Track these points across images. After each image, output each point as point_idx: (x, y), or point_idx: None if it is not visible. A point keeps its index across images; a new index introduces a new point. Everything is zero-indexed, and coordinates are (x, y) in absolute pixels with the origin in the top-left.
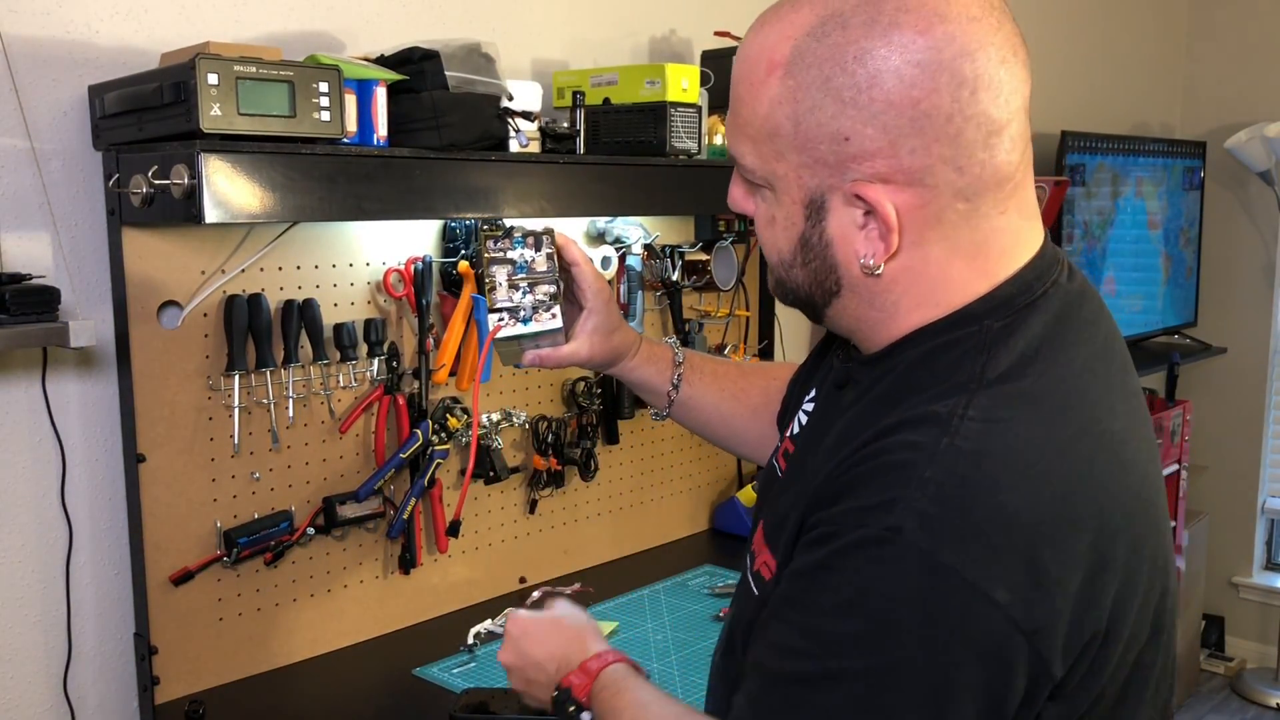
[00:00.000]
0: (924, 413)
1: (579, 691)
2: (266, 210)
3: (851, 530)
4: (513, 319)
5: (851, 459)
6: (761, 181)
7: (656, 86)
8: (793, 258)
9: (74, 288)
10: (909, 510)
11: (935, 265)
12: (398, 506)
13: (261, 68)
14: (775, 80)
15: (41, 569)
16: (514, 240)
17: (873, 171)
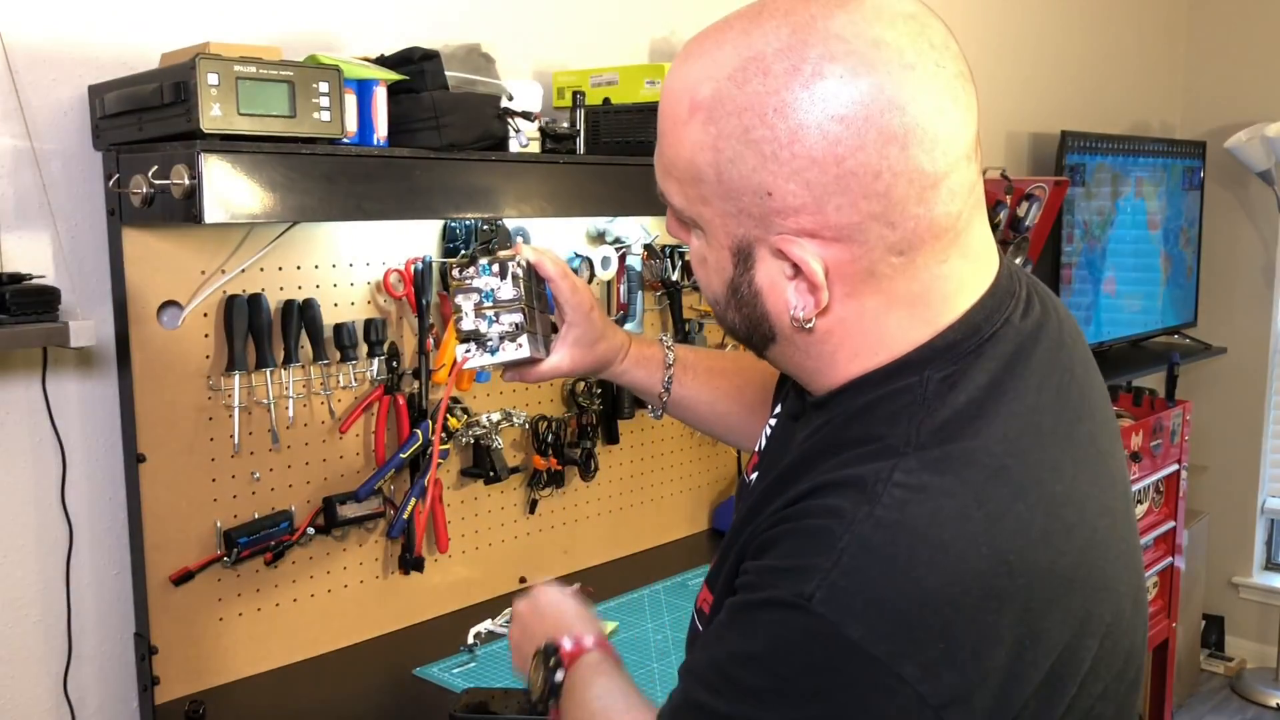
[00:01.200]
0: (849, 475)
1: (565, 656)
2: (266, 210)
3: (765, 588)
4: (480, 348)
5: (779, 514)
6: (690, 221)
7: (656, 86)
8: (725, 301)
9: (74, 288)
10: (819, 579)
11: (870, 317)
12: (398, 506)
13: (261, 68)
14: (697, 124)
15: (41, 569)
16: (480, 267)
17: (798, 227)
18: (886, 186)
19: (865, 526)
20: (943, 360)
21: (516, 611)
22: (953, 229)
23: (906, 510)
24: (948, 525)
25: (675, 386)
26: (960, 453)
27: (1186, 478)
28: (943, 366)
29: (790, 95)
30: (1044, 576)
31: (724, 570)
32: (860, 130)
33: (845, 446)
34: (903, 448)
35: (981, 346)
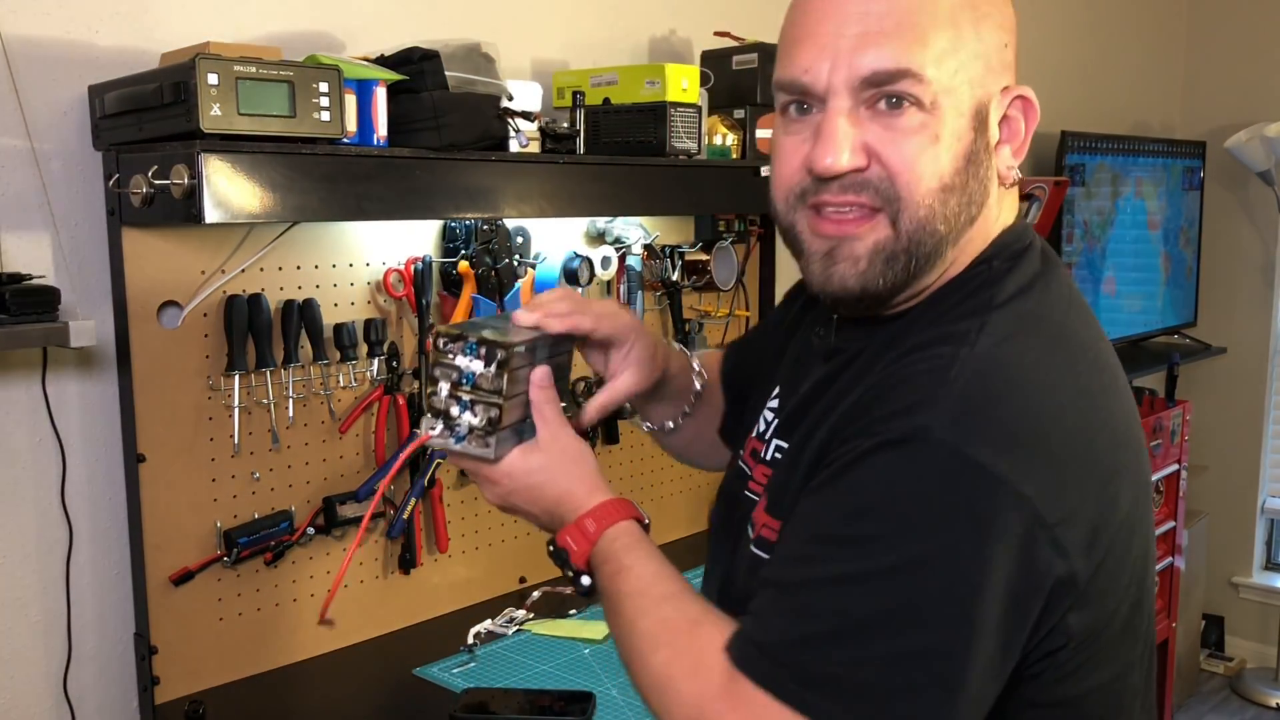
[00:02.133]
0: (941, 333)
1: (577, 558)
2: (266, 210)
3: (871, 438)
4: (446, 431)
5: (867, 391)
6: (925, 98)
7: (656, 86)
8: (953, 179)
9: (74, 288)
10: (936, 409)
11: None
12: (398, 506)
13: (261, 68)
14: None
15: (41, 569)
16: (466, 345)
17: (1012, 80)
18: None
19: (971, 363)
20: (1004, 255)
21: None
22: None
23: (1002, 349)
24: (1040, 363)
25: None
26: (1030, 312)
27: (1186, 478)
28: (1005, 260)
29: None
30: (1112, 422)
31: (790, 488)
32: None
33: (927, 325)
34: (987, 309)
35: (1028, 248)
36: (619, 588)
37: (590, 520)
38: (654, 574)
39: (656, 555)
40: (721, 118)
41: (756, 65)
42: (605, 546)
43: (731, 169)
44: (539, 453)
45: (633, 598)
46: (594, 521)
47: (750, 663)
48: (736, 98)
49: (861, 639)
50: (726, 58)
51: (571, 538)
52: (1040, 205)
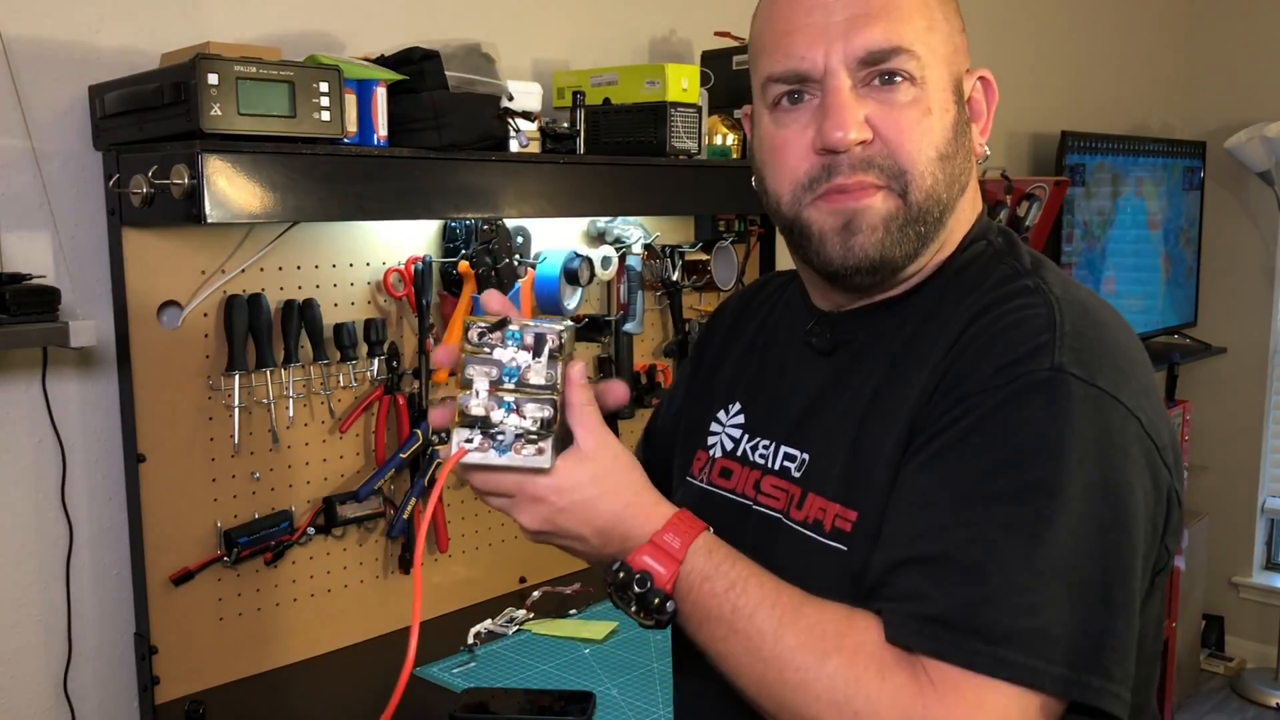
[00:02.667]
0: (1011, 289)
1: (663, 581)
2: (267, 210)
3: (1003, 386)
4: (486, 441)
5: (952, 352)
6: (917, 72)
7: (656, 86)
8: (948, 148)
9: (74, 288)
10: (1060, 350)
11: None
12: (398, 506)
13: (262, 68)
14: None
15: (42, 569)
16: (507, 334)
17: (968, 62)
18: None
19: (1061, 306)
20: (990, 233)
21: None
22: None
23: (1069, 294)
24: (1103, 307)
25: None
26: (1059, 272)
27: (1186, 478)
28: (994, 237)
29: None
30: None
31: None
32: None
33: (969, 291)
34: (1026, 270)
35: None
36: (737, 604)
37: (672, 535)
38: (773, 581)
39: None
40: (721, 118)
41: None
42: (699, 563)
43: (731, 169)
44: (589, 462)
45: (764, 611)
46: (676, 537)
47: (935, 640)
48: (736, 98)
49: (1043, 581)
50: (726, 58)
51: (653, 559)
52: (1040, 205)
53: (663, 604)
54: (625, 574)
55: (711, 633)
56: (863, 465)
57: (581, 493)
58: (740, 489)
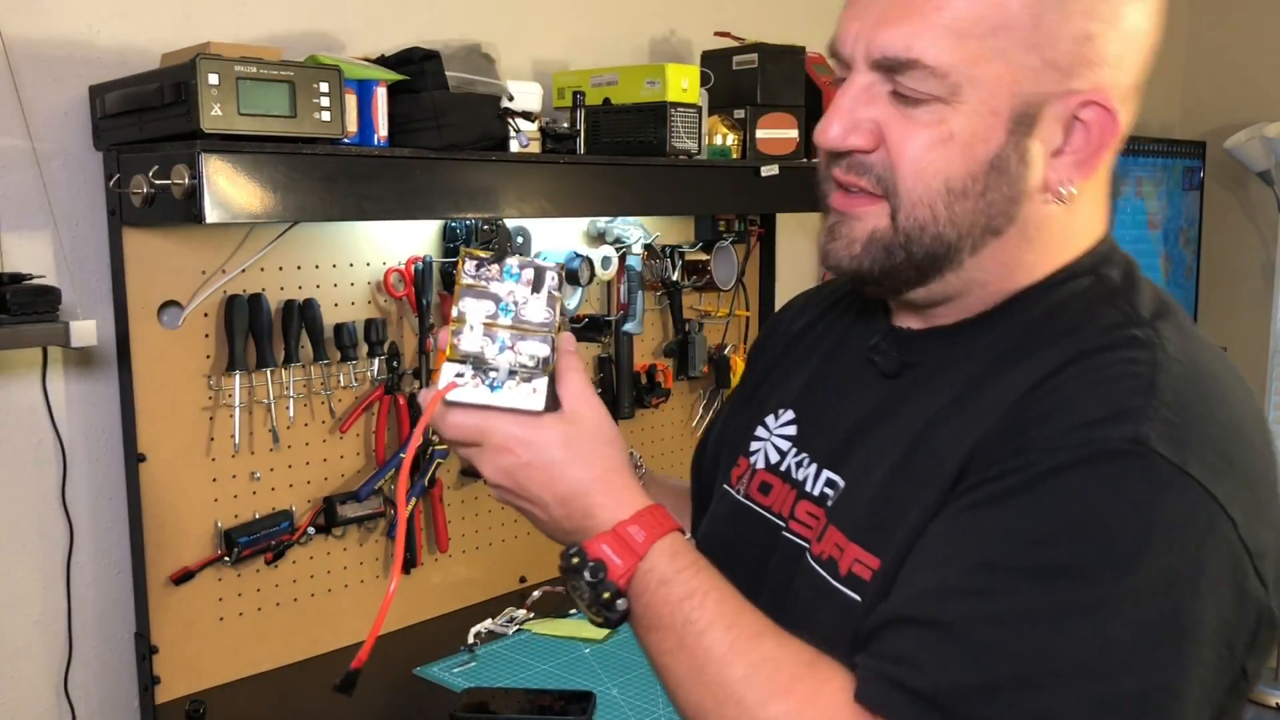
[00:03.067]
0: (1115, 338)
1: (618, 574)
2: (267, 210)
3: (1071, 449)
4: (477, 377)
5: (1028, 398)
6: (941, 91)
7: (656, 86)
8: (965, 185)
9: (74, 288)
10: (1150, 420)
11: (1087, 202)
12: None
13: (262, 68)
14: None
15: (42, 569)
16: (504, 269)
17: (1095, 82)
18: (1150, 52)
19: (1172, 368)
20: (1107, 264)
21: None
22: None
23: (1189, 353)
24: (1225, 376)
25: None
26: (1186, 325)
27: None
28: (1111, 268)
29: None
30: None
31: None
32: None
33: (1067, 332)
34: (1142, 318)
35: (1129, 265)
36: (690, 617)
37: (637, 528)
38: (736, 600)
39: (722, 577)
40: (721, 118)
41: (757, 65)
42: (660, 564)
43: (731, 169)
44: (565, 423)
45: (718, 631)
46: (642, 530)
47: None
48: (736, 98)
49: (1062, 684)
50: (726, 58)
51: (611, 548)
52: None
53: (613, 600)
54: (579, 559)
55: (658, 642)
56: (895, 506)
57: (550, 452)
58: (777, 508)
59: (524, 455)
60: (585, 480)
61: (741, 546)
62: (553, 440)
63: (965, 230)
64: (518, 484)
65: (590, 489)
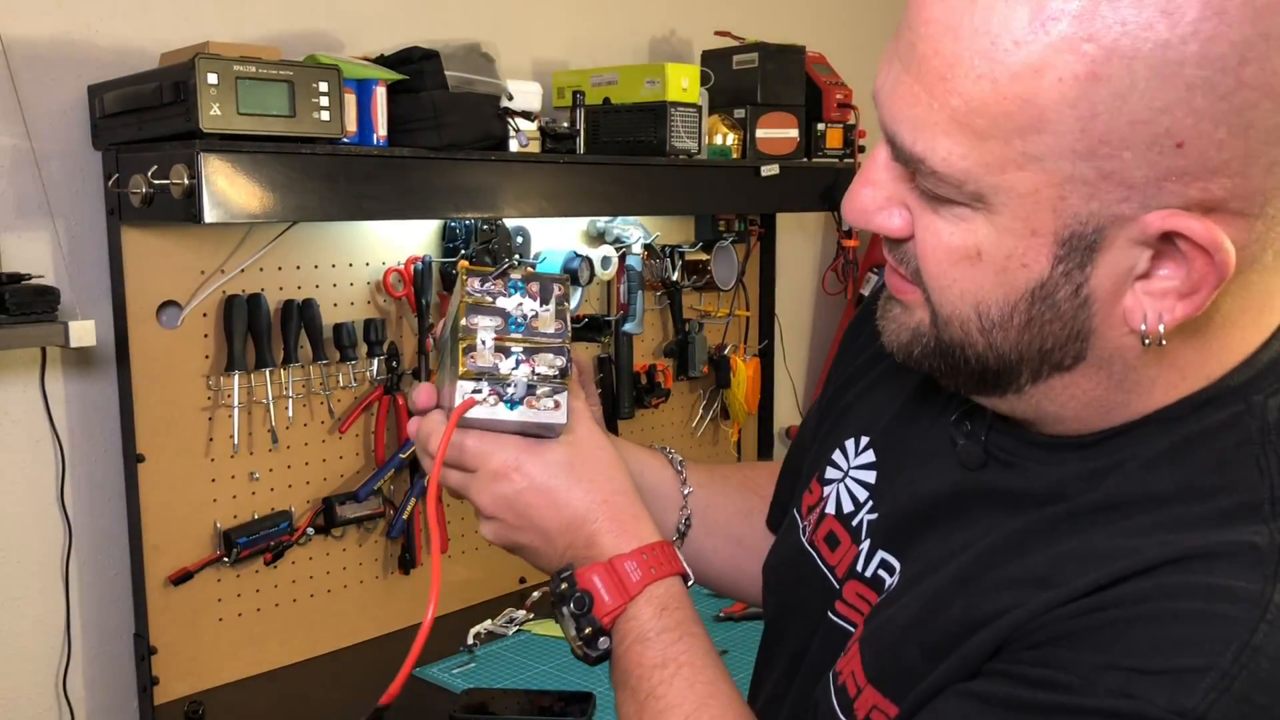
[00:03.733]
0: (1224, 541)
1: (603, 611)
2: (266, 210)
3: (1102, 695)
4: (494, 393)
5: (1092, 599)
6: (967, 197)
7: (656, 86)
8: (1006, 314)
9: (73, 288)
10: (1218, 691)
11: (1222, 325)
12: (398, 506)
13: (261, 67)
14: (1051, 39)
15: (40, 569)
16: (509, 283)
17: (1202, 197)
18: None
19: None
20: (1268, 381)
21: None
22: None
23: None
24: None
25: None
26: None
27: None
28: (1273, 390)
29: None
30: None
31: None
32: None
33: (1152, 504)
34: (1270, 505)
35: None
36: (655, 691)
37: (634, 565)
38: (709, 682)
39: (708, 649)
40: (722, 117)
41: (757, 65)
42: (645, 617)
43: (731, 169)
44: (567, 445)
45: (676, 716)
46: (639, 569)
47: None
48: (737, 98)
49: None
50: (727, 57)
51: (603, 581)
52: None
53: (595, 637)
54: (568, 585)
55: (622, 701)
56: (923, 650)
57: (552, 476)
58: (840, 569)
59: (523, 481)
60: (591, 505)
61: (799, 598)
62: (555, 462)
63: (1015, 358)
64: (518, 513)
65: (596, 514)
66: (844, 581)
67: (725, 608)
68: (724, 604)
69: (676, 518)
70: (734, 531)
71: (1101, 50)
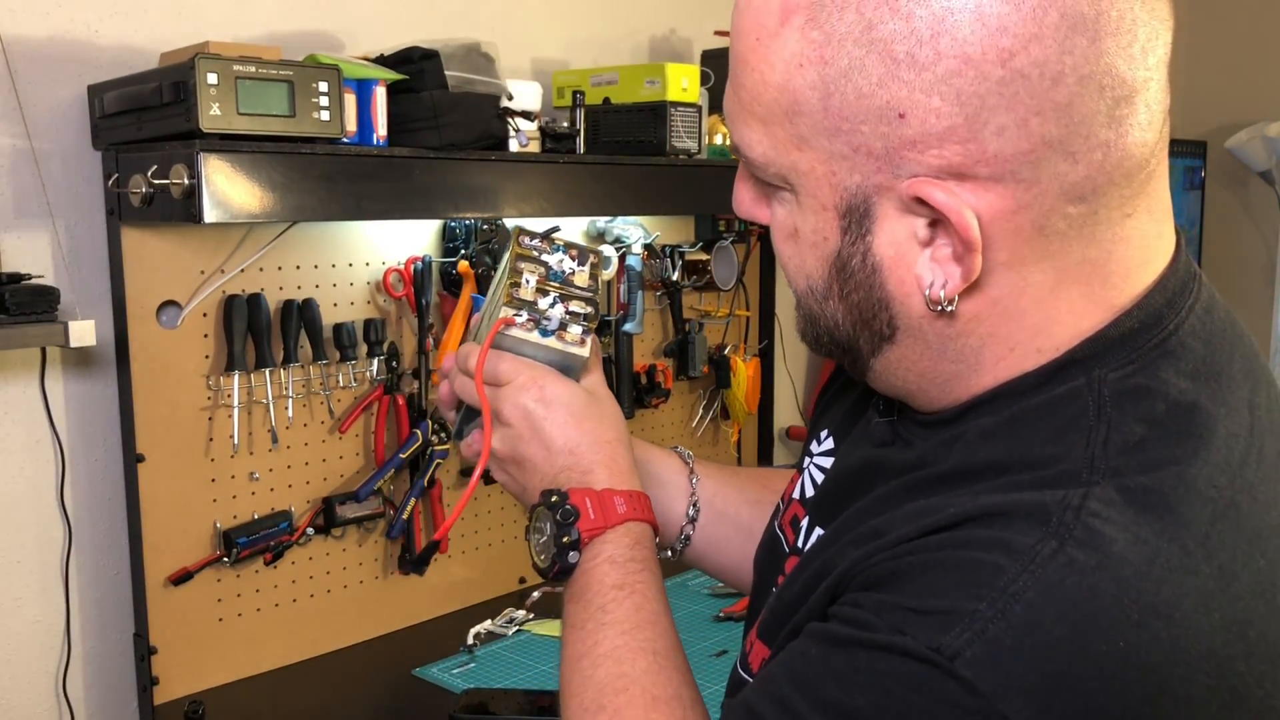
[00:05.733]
0: (1020, 501)
1: (586, 526)
2: (266, 210)
3: (886, 631)
4: (531, 320)
5: (905, 546)
6: (777, 180)
7: (656, 86)
8: (826, 286)
9: (73, 287)
10: (973, 632)
11: (1034, 295)
12: (398, 507)
13: (261, 67)
14: (793, 31)
15: (40, 569)
16: (553, 244)
17: (941, 162)
18: (1069, 96)
19: (1052, 567)
20: (1118, 356)
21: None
22: (1145, 168)
23: (1112, 552)
24: (1169, 579)
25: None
26: (1174, 481)
27: None
28: (1119, 365)
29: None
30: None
31: (789, 621)
32: (1035, 12)
33: (995, 470)
34: (1088, 474)
35: (1167, 340)
36: (605, 605)
37: (620, 499)
38: (651, 614)
39: (661, 590)
40: (721, 117)
41: None
42: (618, 543)
43: (732, 169)
44: (584, 390)
45: (614, 630)
46: (625, 504)
47: None
48: None
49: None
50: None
51: (592, 504)
52: None
53: (568, 548)
54: (558, 498)
55: (574, 612)
56: (793, 606)
57: (574, 400)
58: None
59: (547, 394)
60: (596, 441)
61: (764, 579)
62: (578, 394)
63: (850, 330)
64: (532, 425)
65: (599, 452)
66: (787, 556)
67: (725, 608)
68: (724, 604)
69: (685, 504)
70: (743, 521)
71: (823, 34)
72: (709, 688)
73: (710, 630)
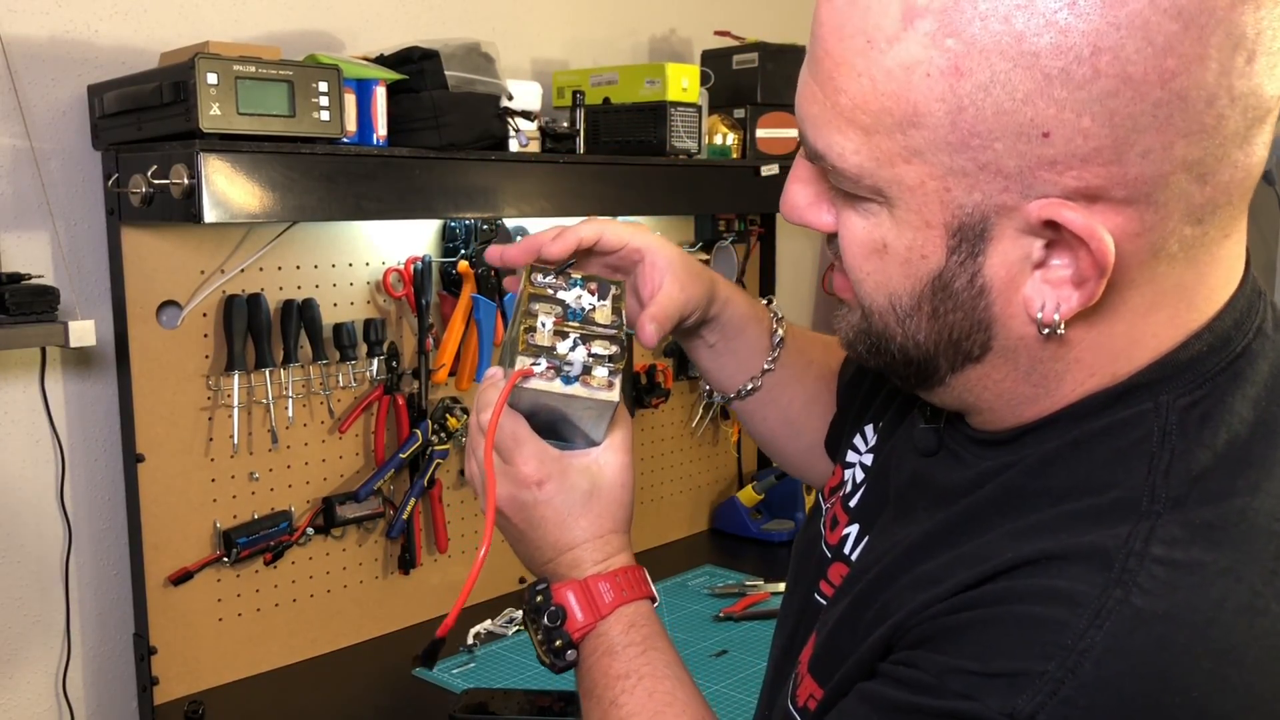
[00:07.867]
0: (1078, 545)
1: (575, 627)
2: (266, 210)
3: (952, 697)
4: (551, 368)
5: (961, 599)
6: (867, 191)
7: (656, 86)
8: (915, 304)
9: (73, 287)
10: (1045, 694)
11: (1127, 320)
12: (397, 506)
13: (261, 67)
14: (920, 36)
15: (40, 569)
16: (570, 280)
17: (1080, 185)
18: (1218, 119)
19: (1118, 619)
20: (1182, 381)
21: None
22: (1251, 188)
23: (1177, 598)
24: (1238, 624)
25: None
26: (1237, 515)
27: None
28: (1184, 390)
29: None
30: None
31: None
32: (1203, 31)
33: (1045, 500)
34: (1149, 504)
35: (1235, 363)
36: (618, 700)
37: (607, 586)
38: (668, 692)
39: (670, 660)
40: (722, 117)
41: (757, 65)
42: (614, 633)
43: (731, 169)
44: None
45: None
46: (611, 591)
47: None
48: (737, 97)
49: None
50: (727, 57)
51: (576, 599)
52: None
53: (564, 649)
54: (544, 599)
55: (588, 709)
56: (840, 649)
57: (570, 501)
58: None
59: (543, 497)
60: (589, 537)
61: (798, 577)
62: (576, 488)
63: (931, 349)
64: (527, 521)
65: (589, 544)
66: (831, 561)
67: (725, 608)
68: (724, 604)
69: (745, 382)
70: (790, 415)
71: (962, 44)
72: (709, 688)
73: (710, 630)
